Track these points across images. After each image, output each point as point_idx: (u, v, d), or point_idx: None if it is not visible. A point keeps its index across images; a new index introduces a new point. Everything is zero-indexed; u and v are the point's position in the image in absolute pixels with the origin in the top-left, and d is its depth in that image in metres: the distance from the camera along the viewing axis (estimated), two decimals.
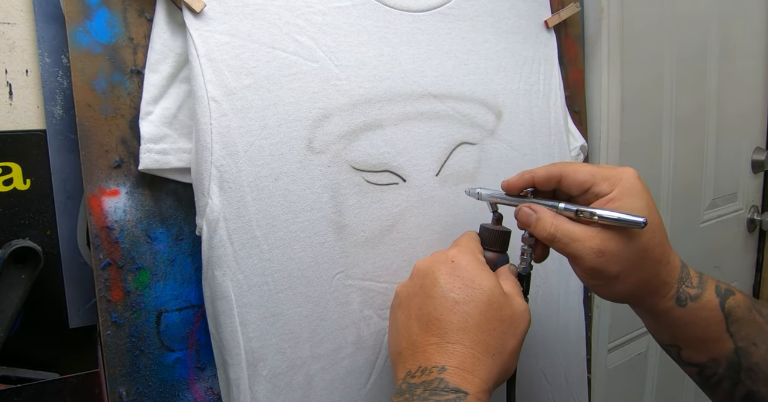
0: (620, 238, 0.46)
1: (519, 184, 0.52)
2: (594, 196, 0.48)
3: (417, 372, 0.44)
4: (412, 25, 0.59)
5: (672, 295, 0.49)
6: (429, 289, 0.47)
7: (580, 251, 0.46)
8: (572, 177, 0.49)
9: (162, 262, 0.51)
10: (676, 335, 0.51)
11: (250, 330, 0.50)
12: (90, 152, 0.48)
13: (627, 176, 0.48)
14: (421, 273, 0.49)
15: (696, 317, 0.49)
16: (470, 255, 0.50)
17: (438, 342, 0.44)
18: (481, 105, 0.64)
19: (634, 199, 0.47)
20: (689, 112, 1.10)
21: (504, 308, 0.46)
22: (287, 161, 0.51)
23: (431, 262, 0.49)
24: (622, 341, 1.00)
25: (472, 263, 0.48)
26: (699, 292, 0.49)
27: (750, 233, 1.35)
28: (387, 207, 0.57)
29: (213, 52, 0.48)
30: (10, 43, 0.47)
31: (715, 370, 0.51)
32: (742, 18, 1.21)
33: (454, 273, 0.47)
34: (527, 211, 0.50)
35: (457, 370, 0.43)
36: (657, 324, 0.52)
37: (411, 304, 0.48)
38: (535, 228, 0.49)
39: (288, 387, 0.52)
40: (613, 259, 0.46)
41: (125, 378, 0.50)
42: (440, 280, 0.47)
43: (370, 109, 0.56)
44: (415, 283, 0.49)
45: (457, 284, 0.47)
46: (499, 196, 0.54)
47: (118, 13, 0.48)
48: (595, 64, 0.84)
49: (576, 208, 0.47)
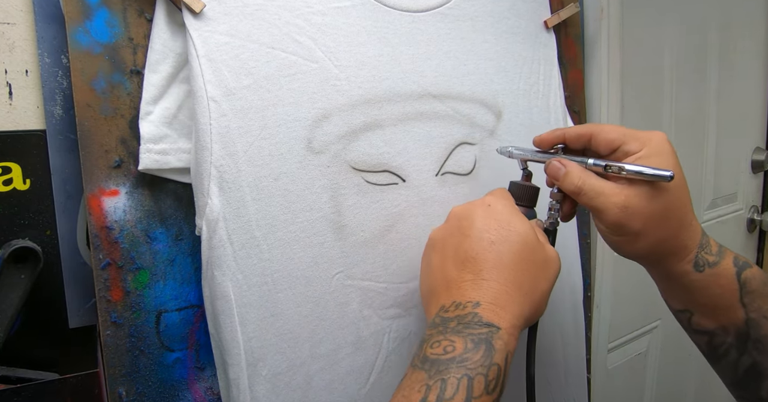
0: (645, 195, 0.47)
1: (550, 138, 0.54)
2: (623, 154, 0.49)
3: (451, 307, 0.44)
4: (411, 25, 0.59)
5: (690, 258, 0.50)
6: (465, 230, 0.48)
7: (604, 205, 0.48)
8: (602, 135, 0.51)
9: (162, 262, 0.51)
10: (690, 300, 0.52)
11: (250, 330, 0.50)
12: (90, 152, 0.48)
13: (657, 137, 0.49)
14: (458, 216, 0.50)
15: (711, 283, 0.50)
16: (506, 200, 0.51)
17: (473, 279, 0.45)
18: (481, 105, 0.64)
19: (663, 158, 0.48)
20: (689, 112, 1.10)
21: (537, 251, 0.48)
22: (287, 161, 0.51)
23: (468, 206, 0.51)
24: (622, 341, 1.00)
25: (508, 207, 0.50)
26: (717, 259, 0.50)
27: (750, 233, 1.35)
28: (386, 207, 0.57)
29: (212, 52, 0.48)
30: (10, 43, 0.47)
31: (724, 338, 0.52)
32: (742, 18, 1.21)
33: (490, 216, 0.49)
34: (557, 165, 0.52)
35: (490, 306, 0.43)
36: (671, 287, 0.53)
37: (446, 245, 0.49)
38: (563, 181, 0.50)
39: (287, 387, 0.52)
40: (636, 215, 0.47)
41: (125, 378, 0.50)
42: (476, 221, 0.48)
43: (369, 109, 0.56)
44: (451, 225, 0.50)
45: (493, 226, 0.48)
46: (530, 153, 0.56)
47: (118, 13, 0.48)
48: (595, 64, 0.84)
49: (605, 163, 0.49)
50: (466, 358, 0.40)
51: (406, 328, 0.59)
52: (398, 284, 0.58)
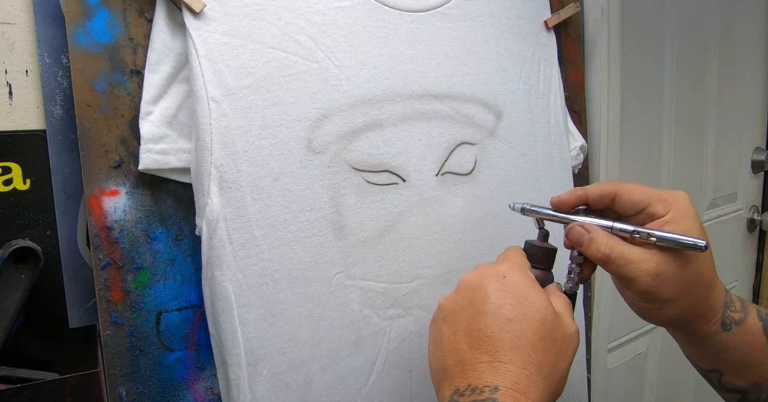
0: (676, 261, 0.45)
1: (571, 200, 0.51)
2: (648, 217, 0.48)
3: (467, 391, 0.41)
4: (411, 25, 0.59)
5: (717, 319, 0.49)
6: (479, 305, 0.45)
7: (635, 273, 0.45)
8: (627, 196, 0.48)
9: (162, 262, 0.51)
10: (719, 360, 0.51)
11: (250, 330, 0.50)
12: (90, 152, 0.48)
13: (682, 199, 0.48)
14: (470, 287, 0.47)
15: (739, 341, 0.49)
16: (521, 271, 0.47)
17: (490, 360, 0.42)
18: (481, 105, 0.64)
19: (690, 222, 0.47)
20: (689, 112, 1.10)
21: (556, 328, 0.45)
22: (287, 161, 0.51)
23: (481, 277, 0.47)
24: (622, 341, 1.00)
25: (524, 280, 0.46)
26: (743, 316, 0.49)
27: (750, 233, 1.35)
28: (387, 207, 0.57)
29: (213, 52, 0.48)
30: (10, 43, 0.47)
31: (758, 395, 0.50)
32: (742, 18, 1.21)
33: (505, 289, 0.45)
34: (580, 231, 0.49)
35: (510, 391, 0.40)
36: (700, 349, 0.52)
37: (458, 319, 0.46)
38: (588, 248, 0.48)
39: (288, 387, 0.52)
40: (668, 282, 0.45)
41: (125, 378, 0.50)
42: (491, 295, 0.45)
43: (369, 109, 0.56)
44: (462, 297, 0.47)
45: (509, 301, 0.44)
46: (548, 213, 0.52)
47: (118, 13, 0.48)
48: (595, 64, 0.84)
49: (633, 229, 0.46)
50: None
51: (406, 328, 0.59)
52: (398, 284, 0.58)
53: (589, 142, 0.85)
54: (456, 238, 0.62)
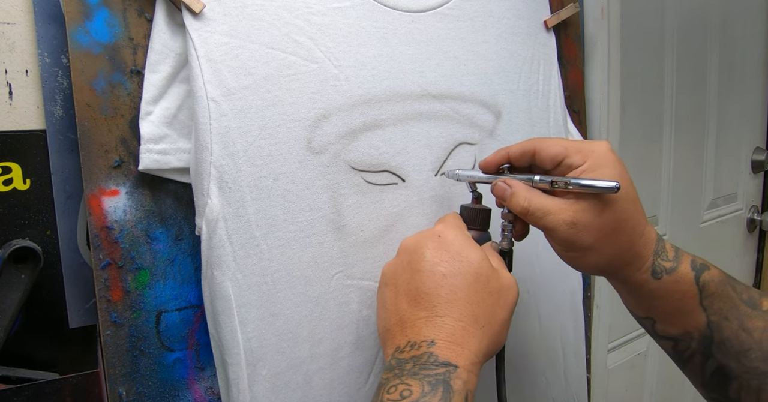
0: (593, 209, 0.47)
1: (495, 160, 0.53)
2: (567, 168, 0.49)
3: (406, 347, 0.43)
4: (411, 25, 0.59)
5: (647, 267, 0.49)
6: (416, 264, 0.47)
7: (553, 223, 0.47)
8: (545, 151, 0.50)
9: (162, 262, 0.51)
10: (651, 308, 0.52)
11: (250, 330, 0.50)
12: (90, 152, 0.48)
13: (599, 148, 0.49)
14: (408, 249, 0.49)
15: (670, 290, 0.50)
16: (457, 229, 0.50)
17: (427, 316, 0.44)
18: (481, 105, 0.64)
19: (607, 169, 0.47)
20: (689, 112, 1.10)
21: (491, 281, 0.47)
22: (286, 161, 0.52)
23: (418, 238, 0.49)
24: (622, 341, 1.00)
25: (459, 237, 0.48)
26: (674, 265, 0.50)
27: (750, 233, 1.35)
28: (386, 207, 0.57)
29: (212, 52, 0.48)
30: (10, 43, 0.48)
31: (688, 343, 0.51)
32: (742, 18, 1.21)
33: (441, 247, 0.47)
34: (502, 186, 0.51)
35: (446, 343, 0.42)
36: (632, 296, 0.53)
37: (399, 281, 0.48)
38: (510, 202, 0.50)
39: (287, 387, 0.52)
40: (586, 230, 0.47)
41: (125, 378, 0.50)
42: (427, 254, 0.47)
43: (369, 109, 0.56)
44: (402, 260, 0.49)
45: (445, 258, 0.46)
46: (477, 175, 0.55)
47: (118, 13, 0.48)
48: (595, 64, 0.84)
49: (551, 179, 0.48)
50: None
51: None
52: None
53: None
54: None
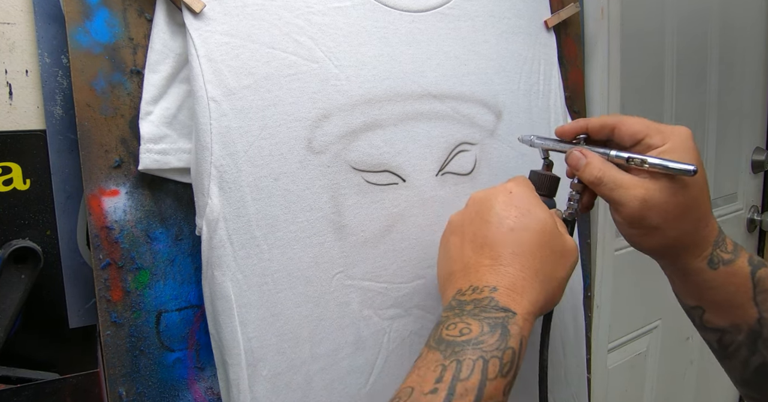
0: (666, 190, 0.47)
1: (573, 129, 0.53)
2: (646, 147, 0.49)
3: (468, 290, 0.45)
4: (411, 25, 0.59)
5: (705, 255, 0.50)
6: (485, 215, 0.48)
7: (624, 197, 0.47)
8: (626, 127, 0.50)
9: (162, 262, 0.51)
10: (703, 297, 0.52)
11: (250, 330, 0.50)
12: (90, 152, 0.48)
13: (681, 132, 0.49)
14: (478, 201, 0.50)
15: (725, 281, 0.50)
16: (527, 188, 0.51)
17: (491, 264, 0.46)
18: (481, 105, 0.64)
19: (686, 153, 0.48)
20: (689, 112, 1.10)
21: (556, 240, 0.48)
22: (287, 161, 0.51)
23: (489, 192, 0.50)
24: (622, 341, 1.00)
25: (529, 195, 0.49)
26: (732, 257, 0.50)
27: (750, 233, 1.35)
28: (387, 207, 0.57)
29: (213, 52, 0.48)
30: (10, 43, 0.47)
31: (735, 337, 0.52)
32: (742, 18, 1.21)
33: (511, 202, 0.48)
34: (577, 155, 0.51)
35: (507, 291, 0.44)
36: (685, 284, 0.53)
37: (465, 230, 0.49)
38: (583, 172, 0.50)
39: (288, 387, 0.52)
40: (656, 209, 0.47)
41: (125, 378, 0.50)
42: (497, 207, 0.48)
43: (369, 109, 0.56)
44: (470, 211, 0.50)
45: (513, 212, 0.48)
46: (552, 142, 0.55)
47: (118, 13, 0.48)
48: (595, 64, 0.84)
49: (627, 155, 0.48)
50: (481, 341, 0.40)
51: (406, 328, 0.59)
52: (398, 284, 0.58)
53: None
54: None
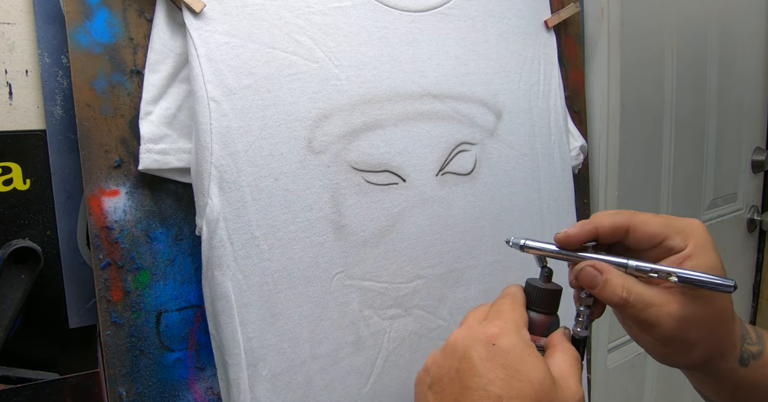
0: (698, 301, 0.41)
1: (580, 236, 0.44)
2: (666, 251, 0.43)
3: None
4: (411, 25, 0.59)
5: (736, 355, 0.45)
6: (466, 378, 0.39)
7: (657, 317, 0.41)
8: (642, 229, 0.43)
9: (162, 262, 0.51)
10: (739, 397, 0.47)
11: (250, 330, 0.50)
12: (90, 152, 0.48)
13: (700, 228, 0.43)
14: (457, 354, 0.41)
15: (759, 376, 0.45)
16: (515, 334, 0.41)
17: None
18: (481, 105, 0.64)
19: (711, 256, 0.42)
20: (689, 112, 1.10)
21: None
22: (287, 161, 0.51)
23: (468, 342, 0.41)
24: (622, 341, 1.00)
25: (517, 346, 0.40)
26: (760, 348, 0.46)
27: (750, 233, 1.35)
28: (387, 207, 0.57)
29: (213, 52, 0.48)
30: (10, 43, 0.47)
31: None
32: (742, 18, 1.22)
33: (495, 359, 0.39)
34: (592, 272, 0.43)
35: None
36: (718, 387, 0.48)
37: (445, 391, 0.41)
38: (603, 291, 0.42)
39: (288, 387, 0.52)
40: (693, 325, 0.41)
41: (125, 378, 0.50)
42: (479, 368, 0.39)
43: (370, 109, 0.56)
44: (450, 366, 0.41)
45: (500, 374, 0.39)
46: (551, 250, 0.45)
47: (118, 13, 0.48)
48: (595, 64, 0.84)
49: (650, 267, 0.41)
50: None
51: (406, 328, 0.59)
52: (398, 284, 0.58)
53: (589, 142, 0.85)
54: (456, 238, 0.62)
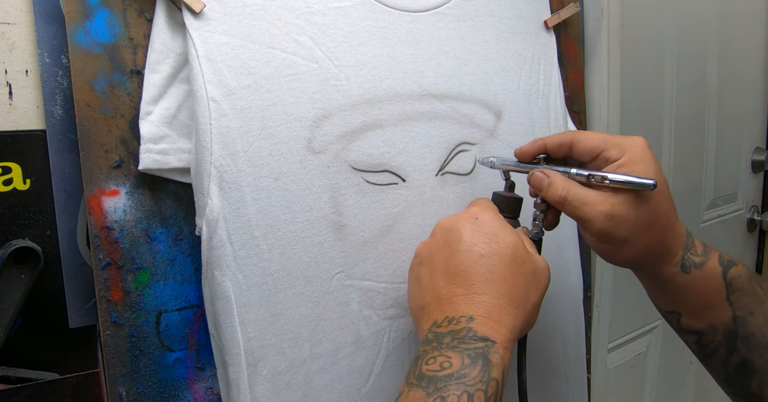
0: (630, 203, 0.47)
1: (531, 150, 0.54)
2: (604, 161, 0.49)
3: (444, 322, 0.44)
4: (411, 25, 0.59)
5: (677, 261, 0.50)
6: (454, 244, 0.48)
7: (590, 214, 0.48)
8: (583, 143, 0.51)
9: (162, 262, 0.51)
10: (678, 302, 0.53)
11: (250, 330, 0.50)
12: (90, 152, 0.48)
13: (637, 144, 0.49)
14: (445, 229, 0.50)
15: (698, 284, 0.51)
16: (492, 212, 0.51)
17: (465, 293, 0.45)
18: (481, 105, 0.64)
19: (644, 165, 0.48)
20: (689, 112, 1.10)
21: (527, 263, 0.47)
22: (287, 161, 0.51)
23: (455, 219, 0.50)
24: (622, 341, 1.00)
25: (495, 219, 0.49)
26: (703, 260, 0.51)
27: (750, 233, 1.35)
28: (386, 207, 0.57)
29: (212, 52, 0.48)
30: (10, 43, 0.47)
31: (713, 337, 0.52)
32: (742, 18, 1.21)
33: (478, 228, 0.48)
34: (540, 175, 0.51)
35: (484, 320, 0.43)
36: (660, 290, 0.53)
37: (435, 260, 0.49)
38: (547, 192, 0.50)
39: (288, 387, 0.52)
40: (622, 223, 0.47)
41: (125, 378, 0.50)
42: (464, 235, 0.48)
43: (369, 109, 0.56)
44: (438, 240, 0.50)
45: (482, 239, 0.47)
46: (512, 164, 0.55)
47: (118, 13, 0.48)
48: (595, 64, 0.84)
49: (588, 173, 0.49)
50: (464, 374, 0.40)
51: (406, 328, 0.59)
52: (398, 284, 0.58)
53: None
54: None
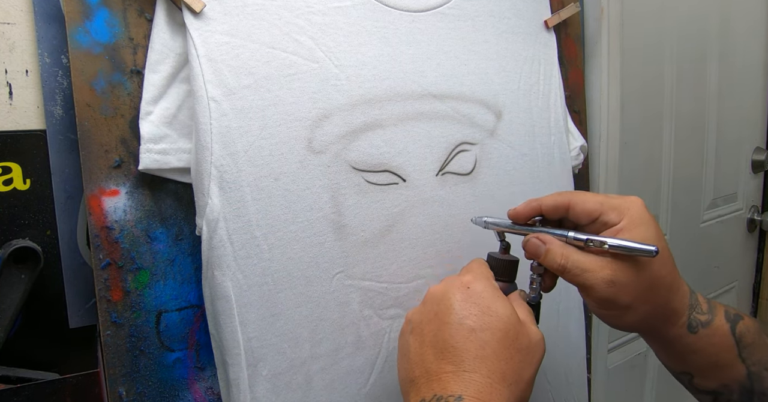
0: (631, 268, 0.46)
1: (526, 212, 0.52)
2: (602, 225, 0.48)
3: (432, 400, 0.42)
4: (411, 25, 0.59)
5: (683, 322, 0.49)
6: (444, 316, 0.46)
7: (591, 281, 0.46)
8: (581, 206, 0.49)
9: (162, 262, 0.51)
10: (688, 362, 0.51)
11: (250, 330, 0.50)
12: (90, 152, 0.48)
13: (635, 206, 0.48)
14: (436, 299, 0.48)
15: (707, 343, 0.49)
16: (485, 280, 0.48)
17: (454, 370, 0.43)
18: (481, 105, 0.64)
19: (643, 228, 0.47)
20: (689, 112, 1.10)
21: (520, 337, 0.45)
22: (287, 161, 0.51)
23: (445, 288, 0.48)
24: (622, 341, 1.00)
25: (488, 289, 0.47)
26: (709, 318, 0.49)
27: (750, 233, 1.35)
28: (387, 207, 0.57)
29: (213, 52, 0.48)
30: (10, 43, 0.47)
31: (729, 396, 0.51)
32: (742, 18, 1.21)
33: (469, 299, 0.46)
34: (536, 242, 0.50)
35: (474, 400, 0.41)
36: (668, 352, 0.52)
37: (425, 331, 0.47)
38: (545, 259, 0.49)
39: (288, 387, 0.52)
40: (625, 289, 0.46)
41: (125, 378, 0.50)
42: (455, 306, 0.46)
43: (370, 109, 0.56)
44: (428, 310, 0.48)
45: (473, 311, 0.45)
46: (507, 226, 0.53)
47: (118, 13, 0.48)
48: (595, 64, 0.84)
49: (586, 237, 0.47)
50: None
51: None
52: (398, 284, 0.58)
53: (589, 142, 0.85)
54: (456, 238, 0.62)
